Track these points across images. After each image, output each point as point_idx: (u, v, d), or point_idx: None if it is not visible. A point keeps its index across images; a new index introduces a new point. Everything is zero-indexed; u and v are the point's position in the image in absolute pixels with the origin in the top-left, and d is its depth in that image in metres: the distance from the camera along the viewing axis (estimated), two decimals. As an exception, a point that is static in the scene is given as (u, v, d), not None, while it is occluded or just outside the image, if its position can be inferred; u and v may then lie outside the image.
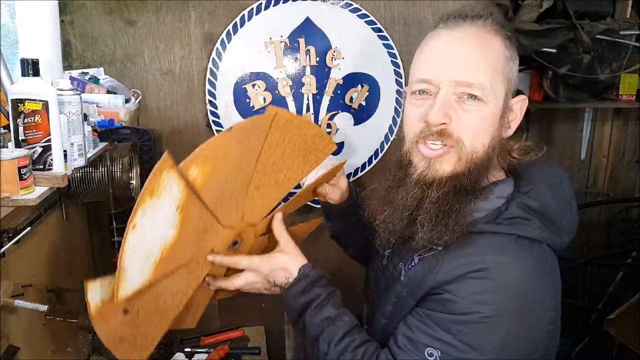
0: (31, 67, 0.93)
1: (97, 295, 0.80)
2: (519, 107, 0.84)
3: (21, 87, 0.93)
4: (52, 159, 0.96)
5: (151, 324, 0.84)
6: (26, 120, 0.93)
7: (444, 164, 0.80)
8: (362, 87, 1.70)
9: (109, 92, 1.47)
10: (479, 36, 0.79)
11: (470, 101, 0.78)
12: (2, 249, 0.92)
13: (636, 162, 2.14)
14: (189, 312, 0.94)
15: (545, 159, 0.86)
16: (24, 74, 0.93)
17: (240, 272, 0.92)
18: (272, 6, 1.60)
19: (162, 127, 1.65)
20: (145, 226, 0.76)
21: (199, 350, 1.54)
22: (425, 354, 0.76)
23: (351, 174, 1.78)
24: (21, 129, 0.93)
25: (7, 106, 0.94)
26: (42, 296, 1.14)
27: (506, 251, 0.76)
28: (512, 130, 0.84)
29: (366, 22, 1.67)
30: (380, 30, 1.68)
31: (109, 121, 1.39)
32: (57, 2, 1.31)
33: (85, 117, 1.14)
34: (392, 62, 1.71)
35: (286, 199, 0.97)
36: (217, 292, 0.97)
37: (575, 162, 2.07)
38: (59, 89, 1.01)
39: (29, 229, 1.04)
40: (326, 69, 1.66)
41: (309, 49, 1.64)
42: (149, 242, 0.78)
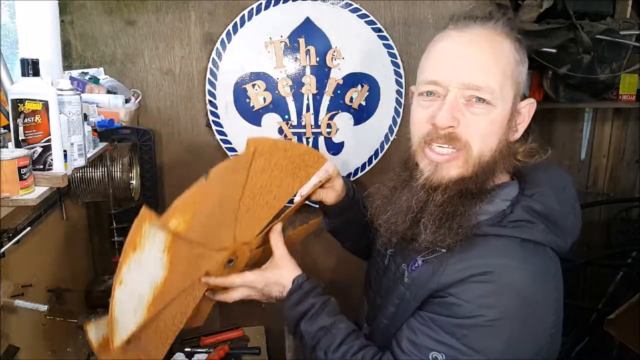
0: (31, 67, 0.93)
1: (96, 333, 0.83)
2: (527, 111, 0.83)
3: (21, 87, 0.93)
4: (52, 159, 0.96)
5: (154, 344, 0.86)
6: (26, 120, 0.93)
7: (451, 169, 0.79)
8: (362, 87, 1.70)
9: (109, 92, 1.47)
10: (490, 38, 0.78)
11: (478, 104, 0.77)
12: (2, 249, 0.92)
13: (636, 162, 2.14)
14: (196, 315, 0.96)
15: (550, 162, 0.85)
16: (24, 74, 0.93)
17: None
18: (272, 6, 1.60)
19: (162, 127, 1.65)
20: (132, 279, 0.77)
21: (199, 350, 1.54)
22: (429, 357, 0.76)
23: (351, 174, 1.78)
24: (21, 129, 0.93)
25: (7, 106, 0.94)
26: (42, 296, 1.14)
27: (511, 254, 0.75)
28: (519, 133, 0.83)
29: (366, 22, 1.67)
30: (380, 30, 1.68)
31: (109, 121, 1.39)
32: (57, 2, 1.31)
33: (85, 117, 1.14)
34: (392, 62, 1.71)
35: (279, 214, 0.97)
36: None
37: (575, 162, 2.07)
38: (59, 89, 1.01)
39: (29, 229, 1.04)
40: (326, 69, 1.66)
41: (309, 49, 1.63)
42: (138, 290, 0.79)
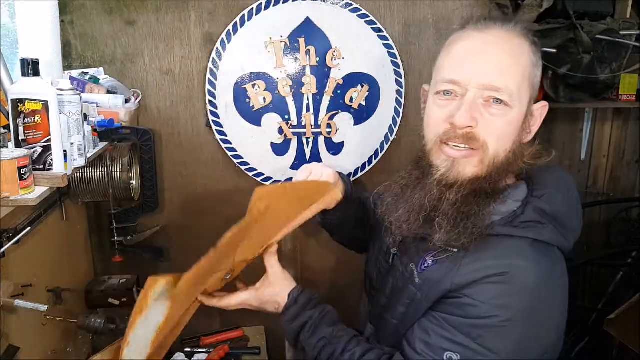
0: (31, 67, 0.93)
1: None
2: (540, 113, 0.85)
3: (21, 87, 0.93)
4: (52, 159, 0.96)
5: (154, 353, 0.88)
6: (26, 120, 0.93)
7: (467, 166, 0.80)
8: (362, 87, 1.70)
9: (109, 92, 1.47)
10: (511, 41, 0.78)
11: (496, 105, 0.77)
12: (2, 249, 0.92)
13: (636, 162, 2.13)
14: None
15: (551, 163, 0.86)
16: (24, 74, 0.93)
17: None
18: (272, 6, 1.60)
19: (162, 127, 1.65)
20: (138, 336, 0.81)
21: (199, 350, 1.54)
22: (444, 358, 0.76)
23: (351, 174, 1.78)
24: (21, 129, 0.93)
25: (7, 106, 0.94)
26: (42, 296, 1.14)
27: (524, 255, 0.76)
28: (531, 135, 0.85)
29: (366, 22, 1.67)
30: (380, 30, 1.68)
31: (109, 121, 1.39)
32: (57, 2, 1.31)
33: (85, 117, 1.14)
34: (392, 62, 1.71)
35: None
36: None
37: (575, 162, 2.07)
38: (59, 89, 1.01)
39: (29, 229, 1.04)
40: (326, 69, 1.66)
41: (309, 49, 1.63)
42: (144, 340, 0.83)
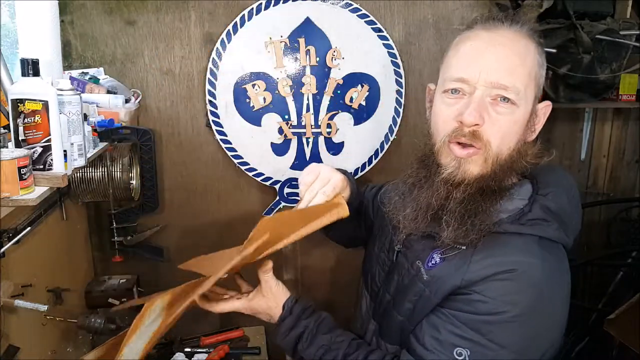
0: (31, 67, 0.93)
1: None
2: (543, 113, 0.87)
3: (21, 87, 0.93)
4: (52, 159, 0.96)
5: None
6: (26, 120, 0.93)
7: (472, 165, 0.81)
8: (362, 87, 1.70)
9: (109, 92, 1.47)
10: (519, 41, 0.80)
11: (503, 104, 0.79)
12: (2, 249, 0.92)
13: (636, 162, 2.13)
14: None
15: (556, 164, 0.87)
16: (24, 74, 0.93)
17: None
18: (272, 6, 1.60)
19: (162, 127, 1.65)
20: (132, 348, 0.81)
21: (199, 350, 1.54)
22: (454, 353, 0.77)
23: (351, 174, 1.77)
24: (21, 129, 0.93)
25: (7, 106, 0.94)
26: (42, 296, 1.14)
27: (532, 252, 0.78)
28: (535, 134, 0.86)
29: (366, 22, 1.67)
30: (380, 30, 1.68)
31: (109, 121, 1.39)
32: (57, 2, 1.31)
33: (85, 117, 1.14)
34: (392, 62, 1.71)
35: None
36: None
37: (575, 162, 2.07)
38: (59, 89, 1.01)
39: (29, 229, 1.04)
40: (326, 69, 1.66)
41: (309, 49, 1.63)
42: (138, 346, 0.82)
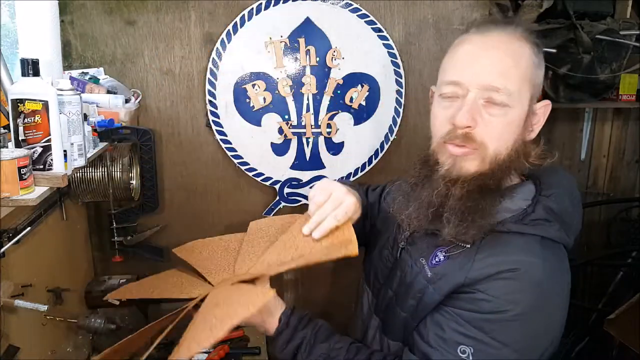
0: (31, 67, 0.93)
1: None
2: (542, 112, 0.87)
3: (21, 87, 0.93)
4: (52, 159, 0.96)
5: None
6: (26, 120, 0.93)
7: (467, 162, 0.82)
8: (362, 87, 1.70)
9: (109, 92, 1.47)
10: (511, 43, 0.82)
11: (496, 105, 0.80)
12: (2, 249, 0.92)
13: (636, 162, 2.13)
14: None
15: (557, 164, 0.89)
16: (24, 74, 0.93)
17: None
18: (272, 6, 1.60)
19: (162, 127, 1.65)
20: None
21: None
22: (458, 351, 0.78)
23: (351, 174, 1.78)
24: (21, 129, 0.93)
25: (7, 106, 0.94)
26: (42, 296, 1.14)
27: (534, 252, 0.79)
28: (534, 133, 0.87)
29: (366, 22, 1.67)
30: (380, 30, 1.68)
31: (109, 121, 1.39)
32: (57, 2, 1.31)
33: (85, 117, 1.14)
34: (392, 62, 1.71)
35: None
36: None
37: (575, 162, 2.07)
38: (59, 89, 1.01)
39: (29, 229, 1.04)
40: (326, 69, 1.66)
41: (309, 49, 1.63)
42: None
